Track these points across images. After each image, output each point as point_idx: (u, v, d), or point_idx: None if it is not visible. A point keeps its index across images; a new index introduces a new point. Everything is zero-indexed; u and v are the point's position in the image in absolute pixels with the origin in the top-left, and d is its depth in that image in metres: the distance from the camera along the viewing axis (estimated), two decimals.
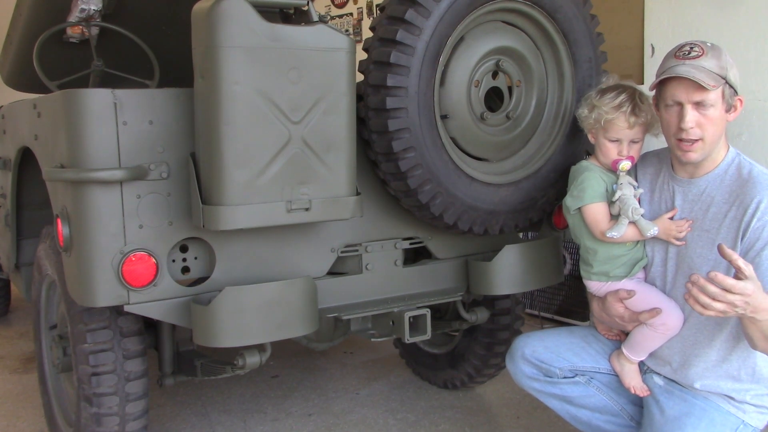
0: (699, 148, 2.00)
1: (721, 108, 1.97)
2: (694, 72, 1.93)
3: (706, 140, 1.99)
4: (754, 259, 1.91)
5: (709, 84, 1.92)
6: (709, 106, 1.95)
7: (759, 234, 1.92)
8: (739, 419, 2.02)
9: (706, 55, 1.96)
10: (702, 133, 1.98)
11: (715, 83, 1.93)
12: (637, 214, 2.09)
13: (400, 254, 2.58)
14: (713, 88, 1.93)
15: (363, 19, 6.33)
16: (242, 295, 2.13)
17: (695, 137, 1.98)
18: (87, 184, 2.06)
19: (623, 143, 2.15)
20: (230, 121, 1.96)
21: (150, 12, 3.30)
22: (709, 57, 1.95)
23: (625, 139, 2.15)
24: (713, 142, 2.00)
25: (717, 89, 1.94)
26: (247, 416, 3.16)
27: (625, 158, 2.15)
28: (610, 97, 2.14)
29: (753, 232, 1.93)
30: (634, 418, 2.27)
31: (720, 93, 1.96)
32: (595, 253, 2.21)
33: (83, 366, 2.32)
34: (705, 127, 1.97)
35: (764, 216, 1.92)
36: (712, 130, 1.98)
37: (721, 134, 2.01)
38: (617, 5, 3.74)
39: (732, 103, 1.99)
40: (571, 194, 2.22)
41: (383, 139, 2.22)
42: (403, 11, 2.15)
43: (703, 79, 1.92)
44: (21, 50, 3.36)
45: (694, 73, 1.93)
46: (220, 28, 1.91)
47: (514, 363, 2.34)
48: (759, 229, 1.92)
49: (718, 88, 1.94)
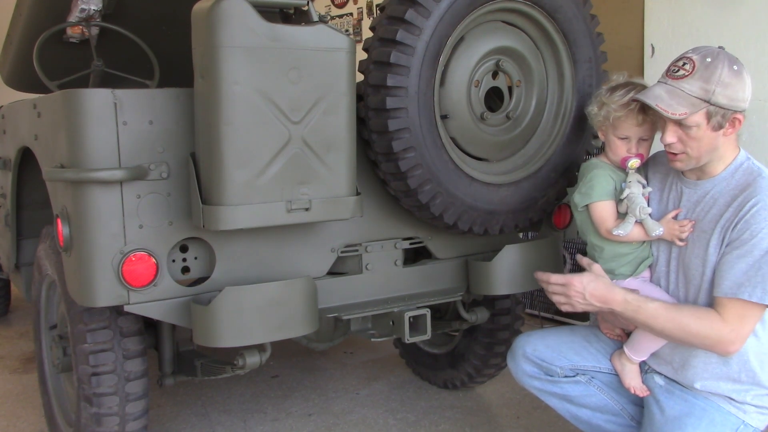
0: (683, 160, 2.00)
1: (706, 128, 1.93)
2: (664, 98, 1.91)
3: (691, 155, 1.98)
4: (724, 253, 1.93)
5: (676, 113, 1.89)
6: (690, 127, 1.93)
7: (740, 235, 1.92)
8: (739, 419, 2.01)
9: (692, 76, 1.91)
10: (684, 148, 1.97)
11: (686, 110, 1.90)
12: (644, 213, 2.09)
13: (400, 254, 2.58)
14: (682, 117, 1.90)
15: (363, 19, 6.34)
16: (242, 295, 2.13)
17: (677, 151, 1.99)
18: (87, 184, 2.06)
19: (632, 141, 2.14)
20: (230, 121, 1.96)
21: (150, 12, 3.30)
22: (695, 78, 1.91)
23: (634, 137, 2.14)
24: (700, 156, 1.98)
25: (697, 112, 1.90)
26: (247, 416, 3.16)
27: (634, 156, 2.14)
28: (620, 94, 2.13)
29: (737, 232, 1.93)
30: (635, 417, 2.27)
31: (703, 115, 1.91)
32: (601, 250, 2.21)
33: (83, 366, 2.32)
34: (688, 143, 1.96)
35: (752, 218, 1.91)
36: (696, 147, 1.96)
37: (712, 149, 1.98)
38: (617, 5, 3.74)
39: (723, 123, 1.93)
40: (580, 191, 2.22)
41: (383, 139, 2.22)
42: (403, 11, 2.15)
43: (671, 108, 1.90)
44: (21, 50, 3.36)
45: (663, 100, 1.91)
46: (220, 28, 1.91)
47: (515, 361, 2.34)
48: (741, 229, 1.92)
49: (696, 112, 1.90)
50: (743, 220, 1.92)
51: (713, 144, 1.97)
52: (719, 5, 3.24)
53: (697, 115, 1.91)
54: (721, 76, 1.90)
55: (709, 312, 1.96)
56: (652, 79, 2.06)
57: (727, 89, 1.90)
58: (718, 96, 1.89)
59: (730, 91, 1.90)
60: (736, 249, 1.92)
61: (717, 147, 1.98)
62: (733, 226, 1.94)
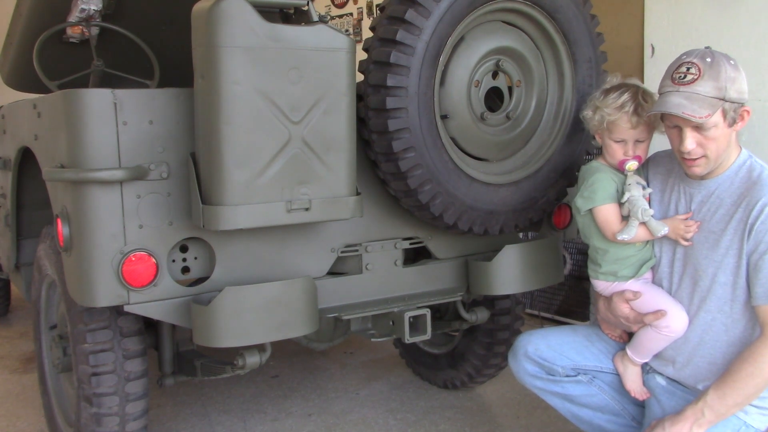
0: (703, 164, 1.99)
1: (723, 126, 1.94)
2: (686, 105, 1.90)
3: (710, 156, 1.97)
4: (757, 262, 1.91)
5: (702, 116, 1.88)
6: (709, 128, 1.93)
7: (762, 237, 1.91)
8: (740, 420, 2.01)
9: (702, 78, 1.91)
10: (704, 152, 1.97)
11: (709, 112, 1.89)
12: (646, 216, 2.08)
13: (400, 254, 2.58)
14: (707, 118, 1.89)
15: (363, 19, 6.33)
16: (242, 295, 2.13)
17: (697, 156, 1.97)
18: (87, 184, 2.06)
19: (628, 143, 2.14)
20: (230, 121, 1.96)
21: (150, 12, 3.30)
22: (705, 79, 1.91)
23: (629, 140, 2.13)
24: (717, 156, 1.98)
25: (716, 113, 1.91)
26: (247, 416, 3.16)
27: (632, 158, 2.14)
28: (613, 97, 2.12)
29: (756, 234, 1.92)
30: (636, 417, 2.27)
31: (720, 114, 1.92)
32: (605, 253, 2.20)
33: (83, 366, 2.32)
34: (707, 146, 1.96)
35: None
36: (715, 147, 1.96)
37: (727, 147, 1.98)
38: (617, 5, 3.74)
39: (735, 117, 1.95)
40: (582, 195, 2.20)
41: (383, 139, 2.22)
42: (403, 11, 2.15)
43: (696, 112, 1.89)
44: (21, 50, 3.36)
45: (686, 107, 1.90)
46: (220, 28, 1.91)
47: (516, 361, 2.34)
48: (763, 231, 1.91)
49: (716, 113, 1.91)
50: (767, 223, 1.91)
51: (727, 141, 1.98)
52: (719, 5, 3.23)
53: (717, 114, 1.92)
54: (727, 72, 1.92)
55: (751, 349, 1.93)
56: (653, 80, 2.06)
57: (735, 83, 1.92)
58: (730, 92, 1.91)
59: (737, 85, 1.93)
60: (766, 253, 1.90)
61: (728, 146, 1.99)
62: (749, 230, 1.93)
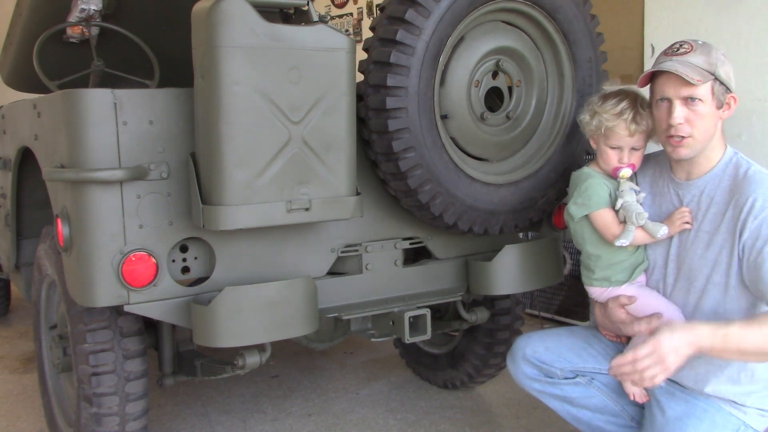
0: (689, 144, 2.00)
1: (711, 104, 1.97)
2: (678, 66, 1.95)
3: (696, 137, 1.99)
4: (756, 259, 1.91)
5: (694, 78, 1.92)
6: (697, 102, 1.96)
7: (758, 233, 1.91)
8: (740, 421, 2.01)
9: (694, 52, 1.98)
10: (691, 130, 1.98)
11: (701, 78, 1.93)
12: (642, 219, 2.08)
13: (400, 254, 2.58)
14: (699, 83, 1.93)
15: (363, 19, 6.34)
16: (242, 295, 2.13)
17: (684, 134, 1.98)
18: (87, 184, 2.06)
19: (624, 150, 2.14)
20: (230, 121, 1.96)
21: (150, 12, 3.30)
22: (697, 53, 1.97)
23: (626, 147, 2.13)
24: (704, 139, 2.00)
25: (705, 84, 1.95)
26: (247, 416, 3.16)
27: (626, 166, 2.14)
28: (612, 103, 2.13)
29: (751, 232, 1.92)
30: (635, 418, 2.27)
31: (709, 88, 1.96)
32: (598, 258, 2.20)
33: (83, 366, 2.32)
34: (694, 123, 1.97)
35: (760, 214, 1.91)
36: (703, 127, 1.98)
37: (714, 132, 2.01)
38: (617, 5, 3.74)
39: (723, 101, 1.99)
40: (575, 202, 2.20)
41: (383, 139, 2.22)
42: (403, 11, 2.15)
43: (688, 74, 1.92)
44: (21, 50, 3.35)
45: (679, 68, 1.94)
46: (220, 28, 1.91)
47: (514, 363, 2.34)
48: (756, 228, 1.92)
49: (705, 83, 1.95)
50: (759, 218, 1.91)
51: (714, 126, 2.00)
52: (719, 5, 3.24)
53: (706, 86, 1.96)
54: (717, 54, 1.99)
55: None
56: None
57: (724, 66, 1.99)
58: (720, 71, 1.97)
59: (726, 68, 2.00)
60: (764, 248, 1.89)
61: (715, 133, 2.01)
62: (740, 229, 1.93)
